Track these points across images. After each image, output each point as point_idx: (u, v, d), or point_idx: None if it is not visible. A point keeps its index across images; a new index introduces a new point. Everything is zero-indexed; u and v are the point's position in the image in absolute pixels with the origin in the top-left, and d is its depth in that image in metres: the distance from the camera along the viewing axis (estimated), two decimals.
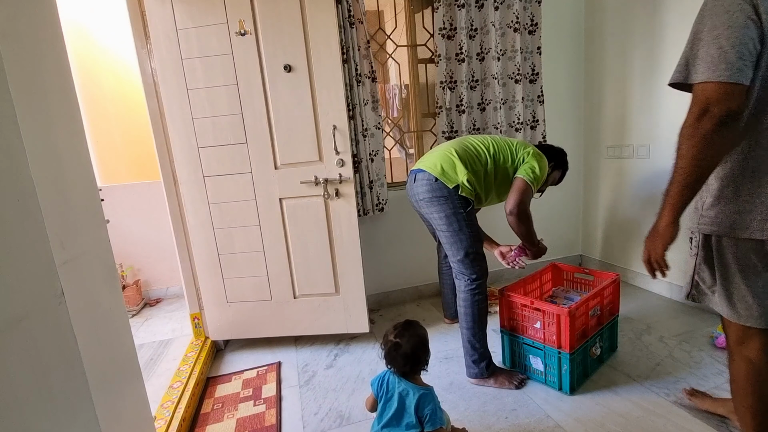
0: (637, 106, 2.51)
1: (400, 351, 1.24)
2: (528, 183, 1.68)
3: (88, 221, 0.91)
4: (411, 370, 1.27)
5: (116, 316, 0.99)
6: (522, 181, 1.69)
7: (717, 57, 0.87)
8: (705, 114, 0.89)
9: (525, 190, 1.68)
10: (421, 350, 1.27)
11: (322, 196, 2.04)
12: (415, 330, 1.29)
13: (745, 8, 0.86)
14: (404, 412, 1.24)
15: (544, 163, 1.75)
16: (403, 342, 1.24)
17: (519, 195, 1.67)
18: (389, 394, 1.27)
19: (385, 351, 1.28)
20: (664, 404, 1.56)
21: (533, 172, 1.69)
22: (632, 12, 2.46)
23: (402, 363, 1.25)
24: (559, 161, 1.99)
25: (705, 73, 0.89)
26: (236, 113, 1.99)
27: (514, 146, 1.79)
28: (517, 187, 1.70)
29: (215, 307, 2.21)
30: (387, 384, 1.28)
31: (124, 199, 3.02)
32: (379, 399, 1.29)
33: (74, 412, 0.77)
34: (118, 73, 3.20)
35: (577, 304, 1.62)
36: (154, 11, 1.90)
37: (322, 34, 1.91)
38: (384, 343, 1.29)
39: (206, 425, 1.68)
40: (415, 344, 1.25)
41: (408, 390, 1.25)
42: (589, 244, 3.06)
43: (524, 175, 1.70)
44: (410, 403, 1.23)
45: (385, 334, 1.31)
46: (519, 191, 1.68)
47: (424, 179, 1.73)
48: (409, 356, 1.24)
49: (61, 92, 0.87)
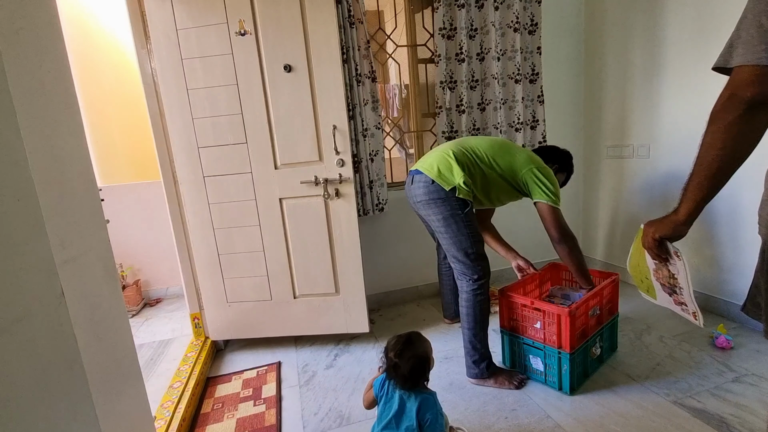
0: (637, 106, 2.50)
1: (399, 372, 1.24)
2: (552, 205, 1.65)
3: (88, 221, 0.91)
4: (411, 386, 1.26)
5: (116, 316, 0.99)
6: (547, 207, 1.66)
7: (757, 36, 0.74)
8: (732, 98, 0.78)
9: (555, 212, 1.66)
10: (419, 370, 1.25)
11: (322, 196, 2.04)
12: (414, 350, 1.26)
13: None
14: (404, 415, 1.24)
15: (551, 174, 1.71)
16: (402, 363, 1.23)
17: (555, 221, 1.65)
18: (389, 395, 1.27)
19: (386, 366, 1.28)
20: (664, 404, 1.56)
21: (549, 190, 1.65)
22: (632, 12, 2.46)
23: (402, 382, 1.25)
24: (564, 164, 1.97)
25: (744, 55, 0.76)
26: (236, 113, 1.99)
27: (516, 159, 1.72)
28: (547, 214, 1.66)
29: (215, 307, 2.21)
30: (389, 385, 1.28)
31: (124, 199, 3.02)
32: (379, 399, 1.29)
33: (74, 412, 0.77)
34: (118, 73, 3.20)
35: (576, 304, 1.62)
36: (154, 11, 1.90)
37: (322, 34, 1.91)
38: (385, 356, 1.29)
39: (206, 425, 1.68)
40: (414, 365, 1.23)
41: (410, 393, 1.25)
42: (589, 244, 3.06)
43: (545, 199, 1.65)
44: (411, 407, 1.23)
45: (386, 347, 1.29)
46: (552, 217, 1.65)
47: (421, 181, 1.72)
48: (407, 377, 1.23)
49: (61, 92, 0.87)
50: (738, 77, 0.78)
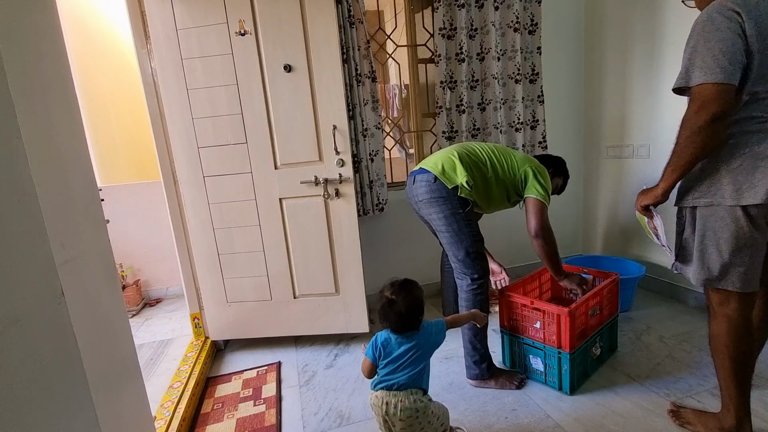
0: (637, 106, 2.51)
1: (394, 308, 1.24)
2: (541, 201, 1.68)
3: (88, 221, 0.91)
4: (403, 327, 1.26)
5: (116, 316, 0.99)
6: (536, 201, 1.69)
7: (712, 63, 1.06)
8: (702, 109, 1.09)
9: (542, 208, 1.68)
10: (415, 310, 1.26)
11: (322, 196, 2.04)
12: (411, 289, 1.28)
13: (733, 27, 1.06)
14: (404, 353, 1.25)
15: (547, 175, 1.76)
16: (399, 300, 1.24)
17: (539, 215, 1.68)
18: (387, 349, 1.26)
19: (380, 306, 1.27)
20: (664, 404, 1.56)
21: (542, 187, 1.69)
22: (632, 12, 2.46)
23: (395, 320, 1.25)
24: (559, 168, 2.00)
25: (702, 76, 1.08)
26: (236, 113, 1.99)
27: (516, 159, 1.77)
28: (534, 207, 1.69)
29: (215, 307, 2.21)
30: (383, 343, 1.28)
31: (124, 199, 3.02)
32: (378, 359, 1.28)
33: (74, 412, 0.77)
34: (118, 73, 3.20)
35: (576, 304, 1.62)
36: (154, 11, 1.90)
37: (322, 34, 1.91)
38: (379, 298, 1.28)
39: (206, 425, 1.68)
40: (410, 304, 1.25)
41: (404, 337, 1.27)
42: (589, 245, 3.06)
43: (536, 194, 1.69)
44: (412, 342, 1.25)
45: (381, 289, 1.30)
46: (537, 211, 1.68)
47: (423, 180, 1.72)
48: (402, 315, 1.23)
49: (61, 92, 0.87)
50: (702, 93, 1.08)
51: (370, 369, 1.31)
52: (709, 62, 1.06)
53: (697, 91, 1.10)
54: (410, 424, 1.23)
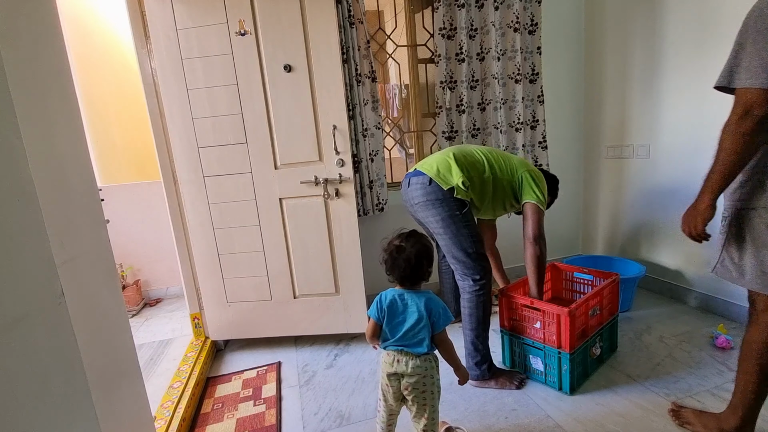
0: (638, 106, 2.50)
1: (403, 254, 1.19)
2: (539, 206, 1.70)
3: (88, 221, 0.91)
4: (411, 275, 1.21)
5: (116, 316, 0.99)
6: (534, 206, 1.71)
7: (759, 66, 1.00)
8: (747, 115, 1.03)
9: (540, 212, 1.71)
10: (424, 258, 1.21)
11: (322, 196, 2.04)
12: (419, 238, 1.24)
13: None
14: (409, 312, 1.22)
15: (543, 179, 1.78)
16: (408, 246, 1.20)
17: (537, 220, 1.70)
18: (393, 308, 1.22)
19: (387, 255, 1.22)
20: (664, 404, 1.56)
21: (540, 192, 1.71)
22: (632, 12, 2.46)
23: (403, 267, 1.20)
24: (550, 187, 1.98)
25: (749, 79, 1.02)
26: (236, 113, 1.99)
27: (513, 161, 1.79)
28: (532, 213, 1.71)
29: (215, 307, 2.21)
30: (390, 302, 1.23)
31: (124, 199, 3.02)
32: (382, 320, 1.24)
33: (74, 412, 0.77)
34: (118, 73, 3.20)
35: (577, 304, 1.62)
36: (154, 11, 1.90)
37: (322, 34, 1.90)
38: (386, 249, 1.24)
39: (206, 425, 1.68)
40: (419, 251, 1.20)
41: (411, 294, 1.22)
42: (589, 245, 3.06)
43: (534, 199, 1.71)
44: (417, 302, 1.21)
45: (389, 241, 1.25)
46: (536, 216, 1.70)
47: (418, 183, 1.72)
48: (411, 261, 1.19)
49: (60, 92, 0.87)
50: (747, 97, 1.03)
51: (374, 329, 1.26)
52: (756, 64, 1.01)
53: (742, 94, 1.05)
54: (418, 381, 1.21)
